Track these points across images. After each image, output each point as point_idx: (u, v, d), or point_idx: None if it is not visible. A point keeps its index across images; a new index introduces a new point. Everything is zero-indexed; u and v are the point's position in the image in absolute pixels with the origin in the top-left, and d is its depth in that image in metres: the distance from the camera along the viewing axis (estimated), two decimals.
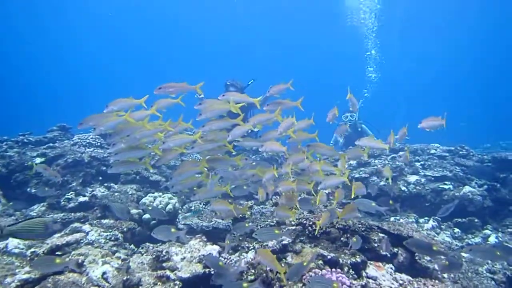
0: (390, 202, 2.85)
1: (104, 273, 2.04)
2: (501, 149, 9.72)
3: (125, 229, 3.51)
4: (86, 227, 3.24)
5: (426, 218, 3.81)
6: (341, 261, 2.06)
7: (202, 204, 4.20)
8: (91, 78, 31.95)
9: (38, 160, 4.83)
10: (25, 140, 5.41)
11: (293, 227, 2.63)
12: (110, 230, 3.27)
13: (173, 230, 2.47)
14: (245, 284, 1.83)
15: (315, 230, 2.45)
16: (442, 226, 3.61)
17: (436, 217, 3.67)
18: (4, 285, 1.87)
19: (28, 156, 4.92)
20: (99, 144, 5.27)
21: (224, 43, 29.08)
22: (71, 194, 4.17)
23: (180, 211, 4.01)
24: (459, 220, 3.65)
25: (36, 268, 1.93)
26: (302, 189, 2.45)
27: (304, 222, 2.56)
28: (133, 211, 3.87)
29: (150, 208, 3.67)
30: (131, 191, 4.52)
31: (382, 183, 4.47)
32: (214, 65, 28.71)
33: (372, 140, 2.67)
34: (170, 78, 2.59)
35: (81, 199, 3.92)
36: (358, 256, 2.14)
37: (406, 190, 4.40)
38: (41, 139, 5.56)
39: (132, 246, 3.23)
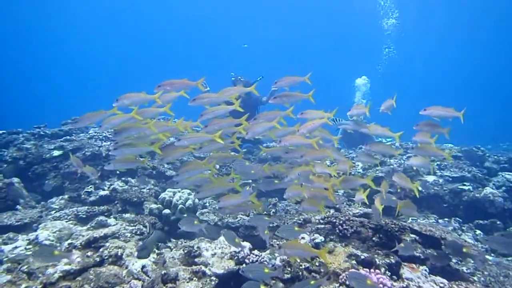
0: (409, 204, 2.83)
1: (143, 266, 2.06)
2: (502, 151, 9.72)
3: (146, 224, 3.53)
4: (111, 220, 3.27)
5: (446, 219, 3.82)
6: (377, 262, 2.07)
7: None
8: (94, 73, 31.88)
9: (56, 153, 4.85)
10: (41, 133, 5.42)
11: (322, 226, 2.64)
12: (134, 224, 3.30)
13: (196, 222, 2.51)
14: (266, 270, 1.88)
15: (345, 229, 2.46)
16: (464, 228, 3.62)
17: (457, 219, 3.67)
18: (48, 276, 1.89)
19: (45, 149, 4.94)
20: None
21: (232, 38, 28.91)
22: (91, 187, 4.19)
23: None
24: (481, 221, 3.66)
25: (37, 259, 1.93)
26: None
27: (334, 220, 2.57)
28: (152, 205, 3.88)
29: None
30: (149, 186, 4.54)
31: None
32: (221, 61, 28.56)
33: (384, 146, 2.66)
34: (174, 73, 2.57)
35: (102, 192, 3.94)
36: (392, 257, 2.15)
37: (423, 190, 4.40)
38: (57, 132, 5.57)
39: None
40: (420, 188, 2.89)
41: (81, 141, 4.99)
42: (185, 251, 2.45)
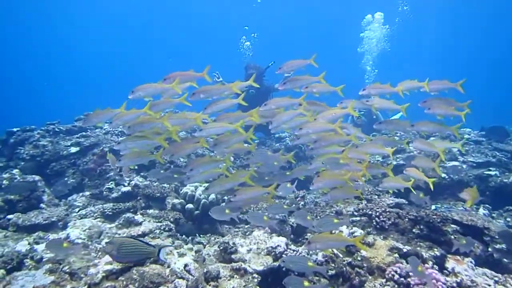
0: (421, 195, 2.74)
1: (186, 265, 2.03)
2: None
3: (171, 219, 3.51)
4: (138, 217, 3.24)
5: (475, 206, 3.76)
6: (424, 255, 2.03)
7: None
8: (96, 71, 31.43)
9: (73, 149, 4.82)
10: (56, 129, 5.38)
11: (357, 218, 2.59)
12: (161, 220, 3.28)
13: (227, 211, 2.46)
14: (310, 264, 1.84)
15: (383, 221, 2.42)
16: (493, 215, 3.56)
17: (486, 205, 3.61)
18: (91, 276, 1.88)
19: (62, 145, 4.91)
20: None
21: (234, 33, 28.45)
22: (111, 183, 4.16)
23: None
24: (511, 207, 3.60)
25: (49, 249, 2.05)
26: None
27: (370, 212, 2.52)
28: (175, 201, 3.85)
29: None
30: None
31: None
32: (224, 59, 28.19)
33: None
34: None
35: (124, 189, 3.91)
36: (436, 249, 2.10)
37: (447, 177, 4.33)
38: (71, 128, 5.52)
39: (184, 236, 3.24)
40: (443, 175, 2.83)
41: (98, 137, 4.95)
42: (221, 248, 2.42)
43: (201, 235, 3.28)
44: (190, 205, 3.81)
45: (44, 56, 29.92)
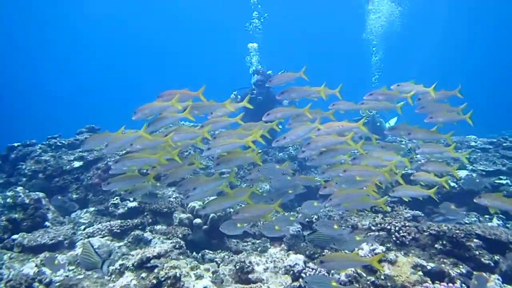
0: (452, 206, 2.72)
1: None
2: None
3: (180, 235, 3.42)
4: (148, 234, 3.16)
5: (487, 216, 3.70)
6: (451, 273, 1.96)
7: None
8: (92, 80, 30.92)
9: (76, 164, 4.73)
10: (58, 143, 5.30)
11: (375, 233, 2.52)
12: (170, 237, 3.19)
13: (239, 225, 2.39)
14: (333, 283, 1.77)
15: (403, 236, 2.35)
16: (508, 225, 3.51)
17: (500, 215, 3.56)
18: None
19: (64, 160, 4.82)
20: None
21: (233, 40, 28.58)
22: (116, 199, 4.07)
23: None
24: None
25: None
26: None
27: (388, 227, 2.46)
28: (182, 215, 3.77)
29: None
30: (174, 194, 4.42)
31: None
32: (222, 65, 28.13)
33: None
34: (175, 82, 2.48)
35: (130, 204, 3.82)
36: (461, 266, 2.04)
37: (456, 186, 4.28)
38: (73, 141, 5.44)
39: (194, 253, 3.15)
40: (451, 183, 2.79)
41: (101, 151, 4.87)
42: (237, 267, 2.34)
43: (210, 251, 3.20)
44: (198, 220, 3.72)
45: (39, 68, 29.68)
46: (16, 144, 5.27)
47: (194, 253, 3.18)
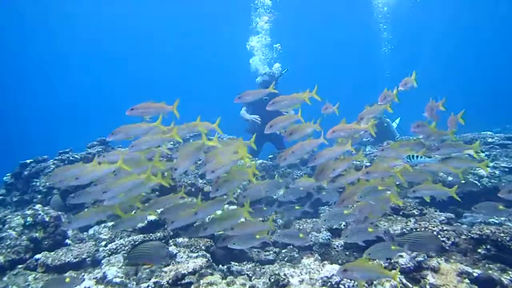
0: (500, 207, 2.64)
1: None
2: None
3: (203, 247, 3.35)
4: (172, 248, 3.09)
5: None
6: (503, 281, 1.88)
7: None
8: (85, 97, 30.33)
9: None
10: (71, 158, 5.26)
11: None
12: (194, 250, 3.12)
13: (257, 236, 2.34)
14: None
15: (442, 241, 2.27)
16: None
17: None
18: None
19: None
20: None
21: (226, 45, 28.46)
22: (135, 212, 4.01)
23: None
24: None
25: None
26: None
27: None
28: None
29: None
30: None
31: (450, 178, 4.25)
32: (225, 67, 27.85)
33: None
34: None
35: (149, 217, 3.75)
36: (511, 273, 1.95)
37: (478, 184, 4.19)
38: (85, 155, 5.40)
39: (220, 266, 3.07)
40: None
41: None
42: (272, 280, 2.26)
43: (236, 263, 3.13)
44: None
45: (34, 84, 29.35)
46: (28, 161, 5.24)
47: (220, 266, 3.12)
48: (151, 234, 3.36)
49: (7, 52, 25.16)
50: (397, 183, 2.23)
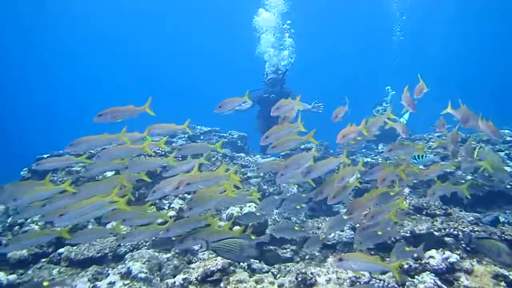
0: None
1: None
2: None
3: None
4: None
5: None
6: None
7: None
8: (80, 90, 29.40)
9: (109, 173, 4.70)
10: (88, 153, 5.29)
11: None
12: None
13: (296, 228, 2.43)
14: None
15: (471, 241, 2.23)
16: None
17: None
18: None
19: (96, 170, 4.79)
20: (164, 153, 5.11)
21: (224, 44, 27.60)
22: (152, 209, 4.02)
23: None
24: None
25: None
26: None
27: (455, 232, 2.34)
28: (220, 223, 3.69)
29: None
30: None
31: (469, 177, 4.18)
32: (211, 68, 27.60)
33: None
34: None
35: (169, 213, 3.76)
36: None
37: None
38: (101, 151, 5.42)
39: (241, 263, 3.06)
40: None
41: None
42: (299, 279, 2.24)
43: (256, 262, 3.12)
44: (237, 227, 3.65)
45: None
46: (45, 156, 5.28)
47: (241, 263, 3.11)
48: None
49: (7, 52, 25.26)
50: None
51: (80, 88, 28.90)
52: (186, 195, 3.96)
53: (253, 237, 2.22)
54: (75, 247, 3.08)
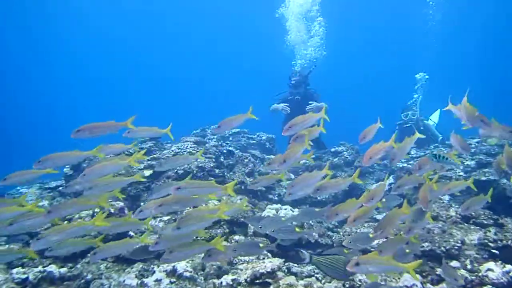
0: None
1: None
2: None
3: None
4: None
5: None
6: None
7: None
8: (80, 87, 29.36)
9: (146, 172, 4.85)
10: (126, 153, 5.47)
11: (493, 251, 2.29)
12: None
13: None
14: None
15: None
16: None
17: None
18: None
19: (134, 169, 4.96)
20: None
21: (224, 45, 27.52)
22: (189, 208, 4.09)
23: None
24: None
25: None
26: None
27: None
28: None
29: None
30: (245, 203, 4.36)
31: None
32: (213, 68, 27.37)
33: None
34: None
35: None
36: None
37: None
38: (138, 151, 5.59)
39: None
40: None
41: (169, 159, 4.95)
42: (347, 285, 2.21)
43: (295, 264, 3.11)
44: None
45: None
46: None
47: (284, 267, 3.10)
48: (211, 230, 3.42)
49: (7, 52, 25.51)
50: None
51: (80, 88, 29.02)
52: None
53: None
54: None
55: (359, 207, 2.00)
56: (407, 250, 2.04)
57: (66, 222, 3.14)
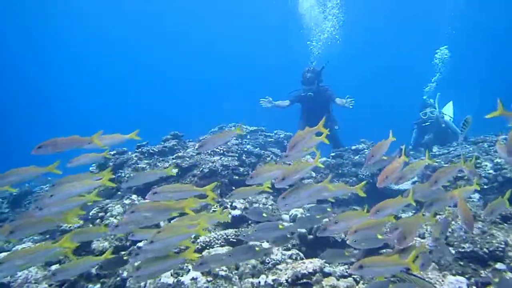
0: None
1: None
2: None
3: (290, 246, 3.35)
4: (265, 244, 3.12)
5: None
6: None
7: None
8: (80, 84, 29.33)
9: (173, 171, 4.90)
10: (151, 151, 5.55)
11: None
12: (287, 248, 3.12)
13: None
14: None
15: None
16: None
17: None
18: None
19: (160, 167, 5.02)
20: (222, 152, 5.22)
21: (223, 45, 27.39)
22: (216, 206, 4.11)
23: None
24: None
25: None
26: None
27: None
28: (284, 224, 3.68)
29: None
30: (269, 202, 4.35)
31: None
32: (214, 67, 27.19)
33: None
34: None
35: (234, 212, 3.83)
36: None
37: None
38: (162, 149, 5.67)
39: None
40: None
41: (194, 157, 5.00)
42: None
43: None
44: (303, 229, 3.63)
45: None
46: (112, 152, 5.61)
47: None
48: (242, 229, 3.43)
49: (7, 52, 25.61)
50: None
51: (80, 88, 29.05)
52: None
53: None
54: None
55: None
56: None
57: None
